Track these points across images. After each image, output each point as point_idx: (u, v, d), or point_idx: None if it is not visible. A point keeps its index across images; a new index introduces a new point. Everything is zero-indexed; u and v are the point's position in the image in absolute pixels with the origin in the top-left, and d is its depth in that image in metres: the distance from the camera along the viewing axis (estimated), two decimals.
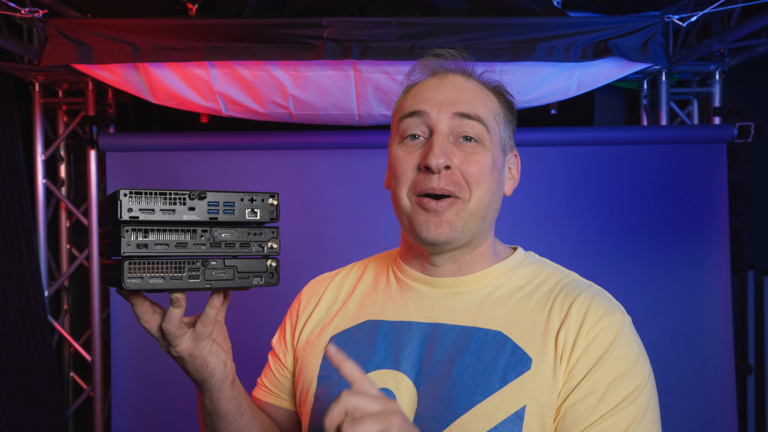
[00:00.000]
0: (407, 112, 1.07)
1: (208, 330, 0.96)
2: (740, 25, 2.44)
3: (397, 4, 2.54)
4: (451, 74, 1.10)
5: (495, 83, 1.13)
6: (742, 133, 2.95)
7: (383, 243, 3.02)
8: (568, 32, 2.31)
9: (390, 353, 1.05)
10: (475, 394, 0.96)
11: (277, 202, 0.95)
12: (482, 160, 1.03)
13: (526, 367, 0.97)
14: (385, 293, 1.13)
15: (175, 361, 0.99)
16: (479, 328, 1.02)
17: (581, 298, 1.01)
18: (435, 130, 1.03)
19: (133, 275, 0.86)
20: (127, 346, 2.96)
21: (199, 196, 0.89)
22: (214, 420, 1.05)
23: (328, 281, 1.22)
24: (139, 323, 0.94)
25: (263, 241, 0.94)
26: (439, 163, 1.00)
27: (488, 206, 1.05)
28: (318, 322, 1.16)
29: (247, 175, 2.92)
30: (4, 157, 2.94)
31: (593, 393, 0.94)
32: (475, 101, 1.06)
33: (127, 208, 0.85)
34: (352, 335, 1.10)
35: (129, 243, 0.86)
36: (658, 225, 2.93)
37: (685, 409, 2.84)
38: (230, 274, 0.92)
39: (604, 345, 0.96)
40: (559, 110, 3.03)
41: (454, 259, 1.07)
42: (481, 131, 1.04)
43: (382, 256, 1.23)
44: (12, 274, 2.95)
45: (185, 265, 0.89)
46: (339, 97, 2.49)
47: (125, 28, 2.31)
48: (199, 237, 0.90)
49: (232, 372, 1.02)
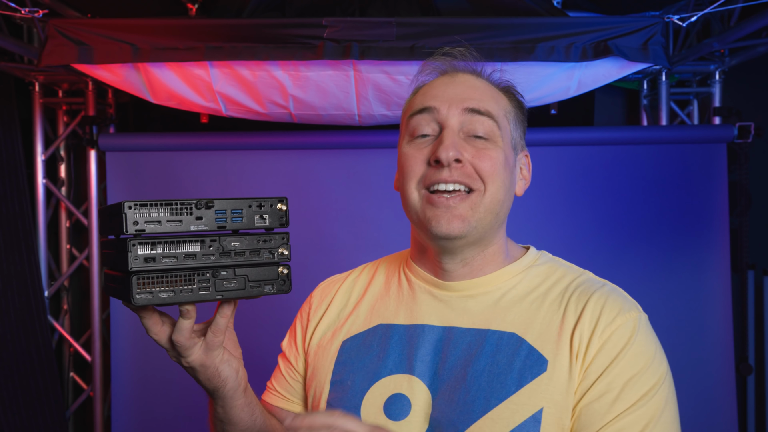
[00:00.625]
0: (417, 109, 1.06)
1: (219, 339, 0.94)
2: (740, 25, 2.44)
3: (397, 4, 2.54)
4: (460, 73, 1.09)
5: (505, 83, 1.12)
6: (742, 133, 2.95)
7: (383, 243, 3.03)
8: (568, 32, 2.31)
9: (404, 358, 1.03)
10: (491, 398, 0.95)
11: (285, 207, 0.93)
12: (494, 155, 1.01)
13: (542, 369, 0.95)
14: (397, 296, 1.11)
15: (185, 371, 0.97)
16: (493, 330, 1.00)
17: (596, 297, 0.99)
18: (445, 126, 1.02)
19: (142, 290, 0.83)
20: (127, 346, 2.96)
21: (206, 205, 0.87)
22: (227, 428, 1.04)
23: (339, 283, 1.20)
24: (148, 335, 0.92)
25: (273, 247, 0.92)
26: (449, 155, 0.98)
27: (502, 203, 1.03)
28: (329, 325, 1.15)
29: (248, 175, 2.92)
30: (4, 157, 2.94)
31: (609, 392, 0.92)
32: (485, 98, 1.05)
33: (133, 221, 0.82)
34: (365, 339, 1.08)
35: (136, 258, 0.83)
36: (658, 225, 2.93)
37: (685, 409, 2.83)
38: (241, 284, 0.89)
39: (619, 343, 0.95)
40: (559, 110, 3.03)
41: (465, 262, 1.05)
42: (492, 128, 1.03)
43: (392, 257, 1.21)
44: (12, 274, 2.95)
45: (195, 277, 0.86)
46: (339, 97, 2.49)
47: (125, 28, 2.31)
48: (208, 247, 0.87)
49: (244, 379, 1.01)
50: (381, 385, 1.03)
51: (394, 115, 2.58)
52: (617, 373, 0.93)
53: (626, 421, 0.91)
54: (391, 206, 2.99)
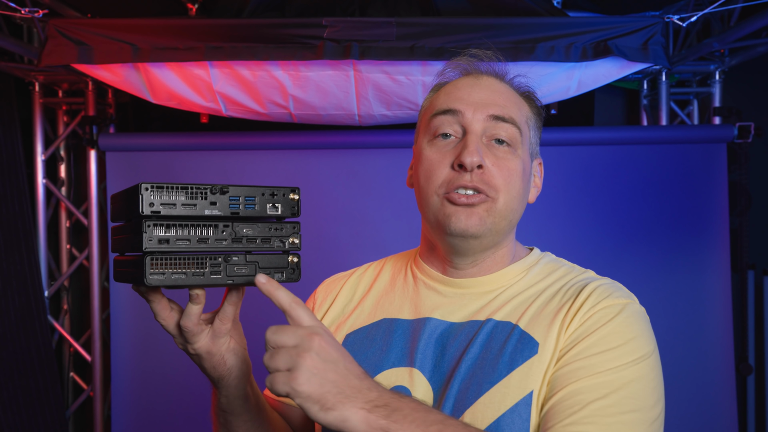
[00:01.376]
0: (441, 109, 1.07)
1: (226, 327, 0.95)
2: (740, 25, 2.44)
3: (397, 4, 2.54)
4: (485, 76, 1.11)
5: (525, 88, 1.13)
6: (742, 133, 2.95)
7: (383, 243, 3.03)
8: (568, 32, 2.31)
9: (406, 351, 1.05)
10: (484, 383, 0.96)
11: (298, 197, 0.95)
12: (513, 166, 1.04)
13: (534, 352, 0.96)
14: (402, 292, 1.13)
15: (191, 359, 0.98)
16: (489, 320, 1.02)
17: (589, 286, 1.01)
18: (469, 130, 1.03)
19: (155, 271, 0.84)
20: (127, 346, 2.96)
21: (221, 191, 0.88)
22: (229, 418, 1.04)
23: (344, 280, 1.22)
24: (156, 320, 0.93)
25: (284, 236, 0.94)
26: (473, 161, 0.99)
27: (515, 211, 1.05)
28: (333, 320, 1.16)
29: (248, 175, 2.92)
30: (4, 157, 2.94)
31: (577, 360, 0.92)
32: (509, 104, 1.06)
33: (149, 203, 0.83)
34: (368, 333, 1.10)
35: (151, 238, 0.84)
36: (658, 225, 2.93)
37: (685, 409, 2.84)
38: (252, 270, 0.91)
39: (600, 321, 0.95)
40: (559, 110, 3.03)
41: (476, 263, 1.07)
42: (515, 134, 1.05)
43: (399, 255, 1.23)
44: (12, 274, 2.95)
45: (207, 261, 0.88)
46: (339, 97, 2.49)
47: (125, 28, 2.31)
48: (220, 232, 0.89)
49: (249, 370, 1.02)
50: (382, 377, 1.04)
51: (394, 115, 2.58)
52: (589, 344, 0.93)
53: (586, 383, 0.90)
54: (391, 206, 2.99)
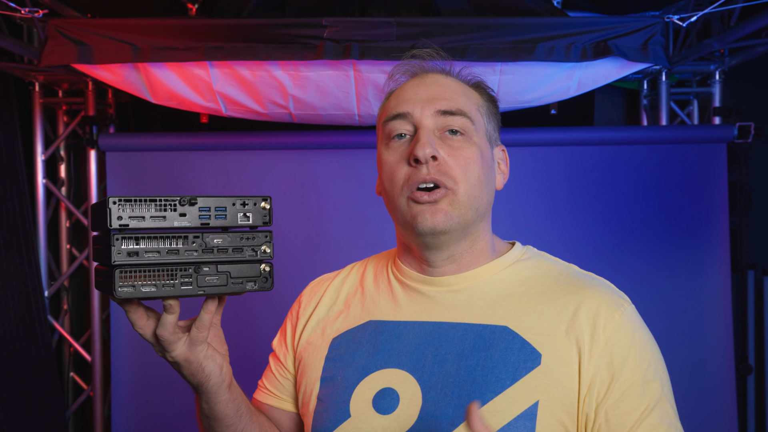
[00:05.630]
0: (392, 114, 1.08)
1: (203, 335, 0.95)
2: (740, 25, 2.44)
3: (397, 4, 2.54)
4: (430, 74, 1.11)
5: (475, 79, 1.14)
6: (742, 133, 2.95)
7: (383, 243, 3.01)
8: (568, 32, 2.31)
9: (393, 353, 1.05)
10: (487, 392, 0.96)
11: (269, 206, 0.94)
12: (469, 155, 1.04)
13: (536, 363, 0.97)
14: (386, 294, 1.13)
15: (171, 366, 0.98)
16: (485, 325, 1.02)
17: (589, 295, 1.02)
18: (420, 126, 1.04)
19: (124, 284, 0.85)
20: (127, 346, 2.96)
21: (190, 202, 0.89)
22: (212, 423, 1.05)
23: (327, 282, 1.22)
24: (134, 329, 0.94)
25: (256, 245, 0.93)
26: (426, 153, 1.00)
27: (479, 198, 1.04)
28: (318, 322, 1.16)
29: (248, 175, 2.92)
30: (4, 157, 2.94)
31: (630, 388, 0.96)
32: (456, 96, 1.07)
33: (117, 216, 0.84)
34: (354, 336, 1.10)
35: (119, 251, 0.85)
36: (658, 225, 2.93)
37: (685, 409, 2.84)
38: (223, 280, 0.91)
39: (623, 341, 0.98)
40: (559, 110, 3.03)
41: (453, 259, 1.07)
42: (466, 123, 1.05)
43: (380, 256, 1.22)
44: (12, 274, 2.95)
45: (177, 272, 0.88)
46: (339, 97, 2.49)
47: (125, 28, 2.31)
48: (191, 243, 0.89)
49: (228, 376, 1.02)
50: (370, 379, 1.04)
51: None
52: (630, 369, 0.97)
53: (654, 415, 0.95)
54: None
